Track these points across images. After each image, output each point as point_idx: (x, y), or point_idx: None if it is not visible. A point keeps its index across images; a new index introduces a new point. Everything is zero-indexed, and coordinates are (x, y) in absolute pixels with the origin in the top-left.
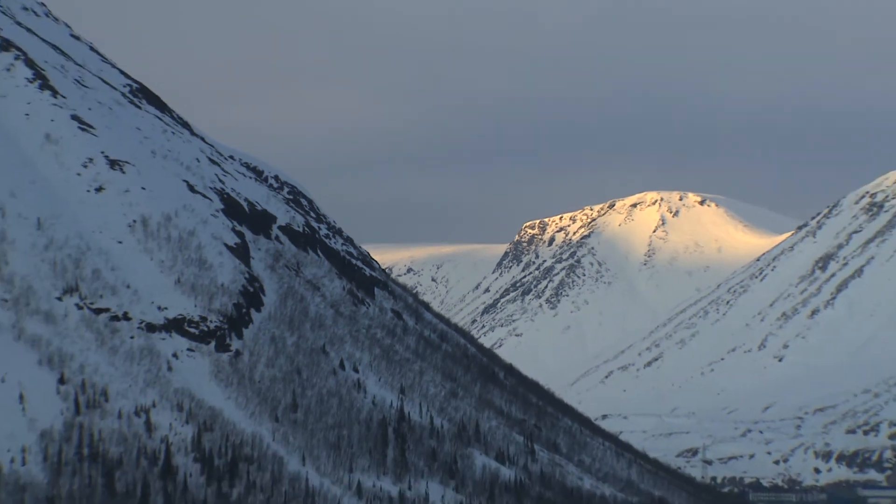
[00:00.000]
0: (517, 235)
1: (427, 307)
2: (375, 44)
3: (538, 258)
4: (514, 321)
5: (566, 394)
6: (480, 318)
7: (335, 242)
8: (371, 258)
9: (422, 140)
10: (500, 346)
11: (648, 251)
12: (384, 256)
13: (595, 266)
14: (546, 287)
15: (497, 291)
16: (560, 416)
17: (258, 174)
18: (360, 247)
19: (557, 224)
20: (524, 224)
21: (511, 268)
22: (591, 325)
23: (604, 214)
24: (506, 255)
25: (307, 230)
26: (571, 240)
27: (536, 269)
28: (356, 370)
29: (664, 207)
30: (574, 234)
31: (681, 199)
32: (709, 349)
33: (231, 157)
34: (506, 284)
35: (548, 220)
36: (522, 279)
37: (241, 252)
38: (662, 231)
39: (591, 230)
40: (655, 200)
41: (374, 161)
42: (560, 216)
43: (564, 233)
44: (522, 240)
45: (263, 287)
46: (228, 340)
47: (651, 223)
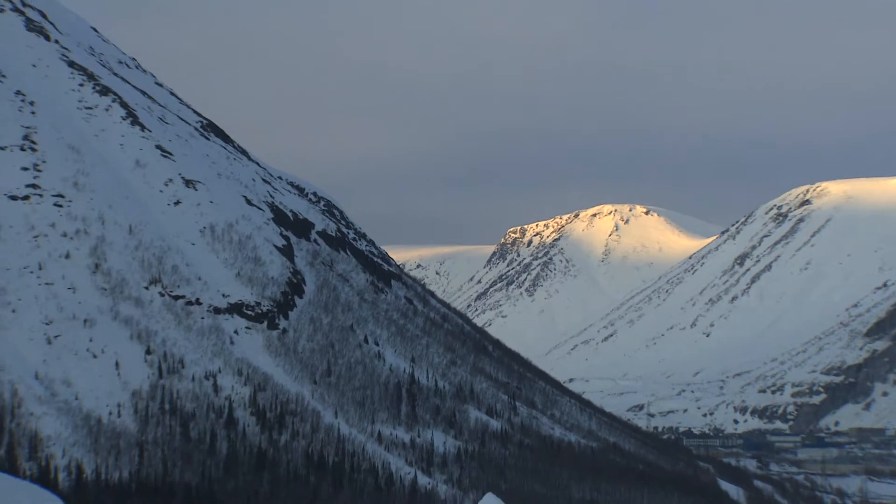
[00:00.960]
0: (502, 238)
1: (432, 295)
2: (392, 91)
3: (519, 256)
4: (501, 306)
5: (541, 362)
6: (474, 304)
7: (360, 244)
8: (388, 256)
9: (428, 164)
10: (490, 326)
11: (605, 251)
12: (398, 255)
13: (563, 263)
14: (525, 279)
15: (487, 283)
16: (536, 380)
17: (300, 191)
18: (380, 247)
19: (534, 230)
20: (508, 229)
21: (498, 264)
22: (560, 309)
23: (570, 222)
24: (494, 254)
25: (338, 234)
26: (545, 242)
27: (518, 265)
28: (377, 344)
29: (617, 217)
30: (547, 238)
31: (630, 210)
32: (652, 327)
33: (279, 178)
34: (494, 277)
35: (527, 227)
36: (507, 273)
37: (287, 252)
38: (616, 235)
39: (561, 234)
40: (610, 211)
41: (392, 180)
42: (536, 223)
43: (540, 236)
44: (507, 242)
45: (304, 279)
46: (277, 321)
47: (607, 229)
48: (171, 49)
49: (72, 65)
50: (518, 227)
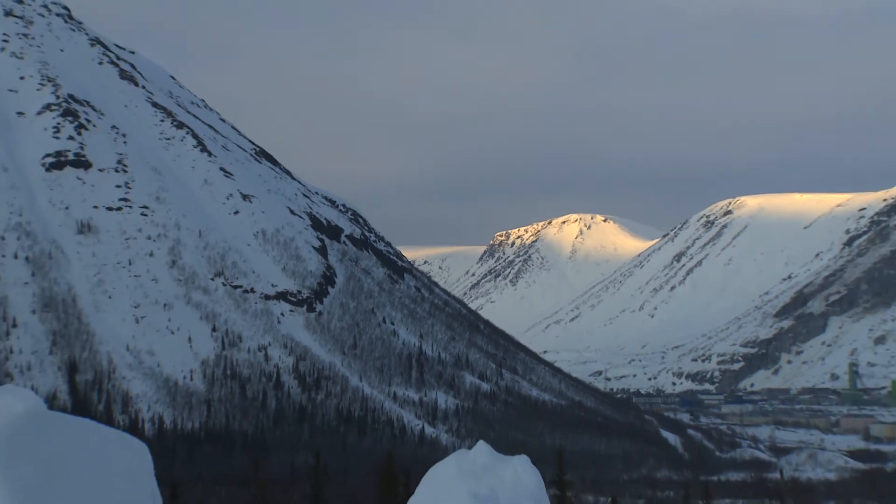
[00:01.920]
0: (491, 240)
1: (436, 285)
2: (403, 123)
3: (504, 255)
4: (490, 294)
5: (521, 338)
6: (469, 292)
7: (379, 245)
8: (401, 254)
9: (432, 181)
10: (481, 309)
11: (572, 251)
12: (409, 253)
13: (539, 260)
14: (509, 273)
15: (479, 275)
16: (517, 352)
17: (332, 203)
18: (395, 247)
19: (517, 234)
20: (496, 233)
21: (487, 261)
22: (537, 296)
23: (545, 228)
24: (484, 253)
25: (362, 237)
26: (525, 243)
27: (503, 262)
28: (392, 323)
29: (581, 223)
30: (527, 240)
31: (592, 219)
32: (609, 311)
33: (315, 193)
34: (484, 271)
35: (510, 231)
36: (494, 268)
37: (322, 251)
38: (581, 238)
39: (537, 237)
40: (576, 219)
41: (404, 194)
42: (518, 228)
43: (521, 239)
44: (495, 243)
45: (335, 272)
46: (314, 305)
47: (573, 233)
48: (232, 90)
49: (154, 105)
50: (504, 232)
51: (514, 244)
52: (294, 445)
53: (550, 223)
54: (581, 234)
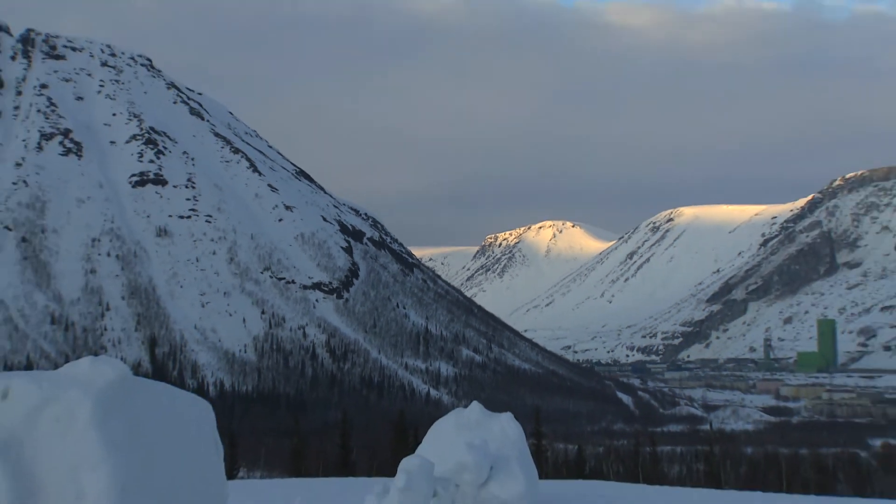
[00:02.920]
0: (483, 242)
1: (439, 277)
2: (410, 147)
3: (493, 253)
4: (482, 284)
5: (507, 320)
6: (465, 283)
7: (394, 245)
8: (411, 253)
9: (435, 193)
10: (475, 297)
11: (547, 250)
12: (417, 252)
13: (522, 258)
14: (497, 268)
15: (473, 270)
16: (503, 330)
17: (356, 212)
18: (406, 247)
19: (503, 236)
20: (486, 236)
21: (480, 258)
22: (520, 287)
23: (526, 231)
24: (477, 252)
25: (380, 239)
26: (510, 244)
27: (492, 259)
28: (404, 308)
29: (555, 228)
30: (511, 241)
31: (563, 224)
32: (577, 298)
33: (343, 204)
34: (477, 266)
35: (498, 234)
36: (485, 264)
37: (348, 250)
38: (554, 240)
39: (520, 239)
40: (551, 225)
41: (413, 203)
42: (504, 232)
43: (507, 240)
44: (486, 244)
45: (359, 267)
46: (342, 293)
47: (549, 236)
48: (277, 122)
49: (216, 135)
50: (493, 235)
51: (501, 245)
52: (326, 405)
53: (530, 228)
54: (554, 237)
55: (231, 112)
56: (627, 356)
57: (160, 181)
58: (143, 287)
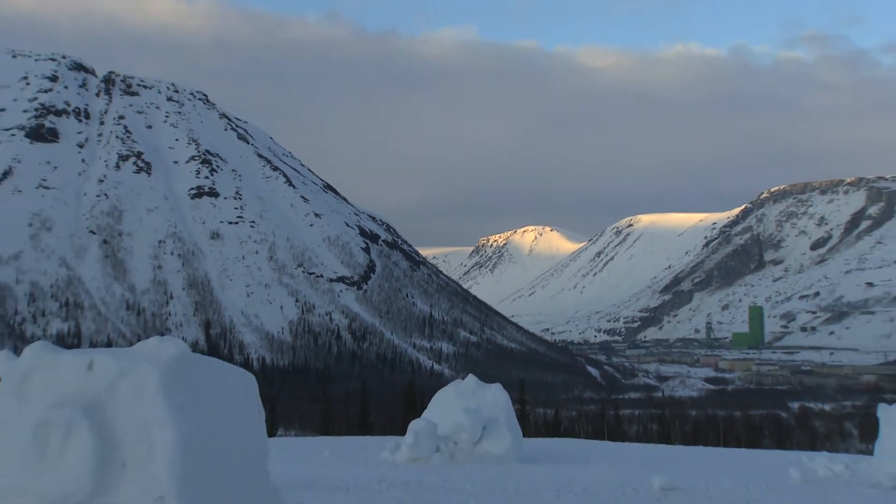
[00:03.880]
0: (477, 243)
1: (440, 272)
2: (416, 166)
3: (486, 253)
4: (476, 278)
5: (497, 307)
6: (462, 277)
7: (404, 246)
8: (419, 252)
9: (437, 201)
10: (471, 288)
11: (530, 250)
12: (423, 252)
13: (509, 256)
14: (489, 264)
15: (469, 266)
16: (494, 316)
17: (373, 218)
18: (414, 247)
19: (494, 238)
20: (480, 238)
21: (474, 257)
22: (508, 281)
23: (512, 234)
24: (472, 252)
25: (393, 241)
26: (499, 245)
27: (485, 258)
28: (412, 298)
29: (536, 232)
30: (501, 243)
31: (543, 229)
32: (554, 290)
33: (363, 212)
34: (472, 263)
35: (490, 236)
36: (479, 261)
37: (367, 250)
38: (536, 242)
39: (508, 241)
40: (533, 229)
41: (419, 211)
42: (494, 234)
43: (497, 242)
44: (479, 245)
45: (375, 264)
46: (362, 286)
47: (531, 238)
48: (309, 144)
49: (259, 156)
50: (486, 237)
51: (493, 245)
52: (349, 377)
53: (516, 231)
54: (536, 239)
55: (271, 137)
56: (595, 336)
57: (213, 194)
58: (200, 280)
